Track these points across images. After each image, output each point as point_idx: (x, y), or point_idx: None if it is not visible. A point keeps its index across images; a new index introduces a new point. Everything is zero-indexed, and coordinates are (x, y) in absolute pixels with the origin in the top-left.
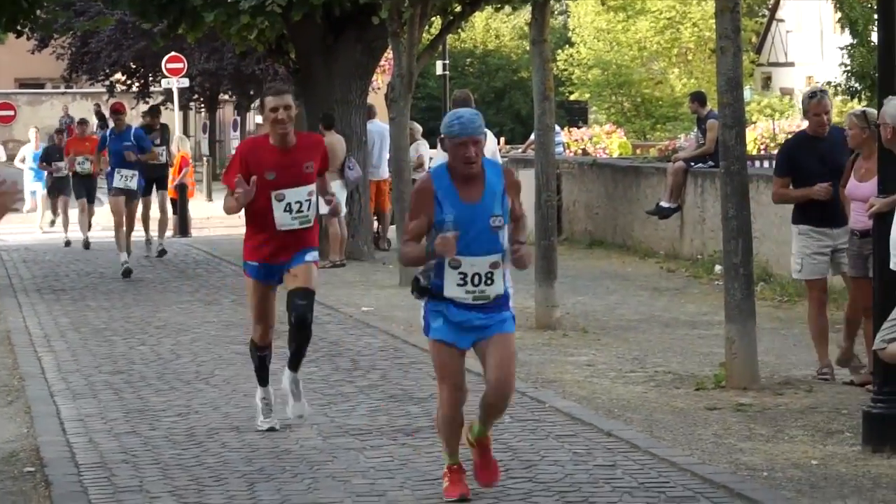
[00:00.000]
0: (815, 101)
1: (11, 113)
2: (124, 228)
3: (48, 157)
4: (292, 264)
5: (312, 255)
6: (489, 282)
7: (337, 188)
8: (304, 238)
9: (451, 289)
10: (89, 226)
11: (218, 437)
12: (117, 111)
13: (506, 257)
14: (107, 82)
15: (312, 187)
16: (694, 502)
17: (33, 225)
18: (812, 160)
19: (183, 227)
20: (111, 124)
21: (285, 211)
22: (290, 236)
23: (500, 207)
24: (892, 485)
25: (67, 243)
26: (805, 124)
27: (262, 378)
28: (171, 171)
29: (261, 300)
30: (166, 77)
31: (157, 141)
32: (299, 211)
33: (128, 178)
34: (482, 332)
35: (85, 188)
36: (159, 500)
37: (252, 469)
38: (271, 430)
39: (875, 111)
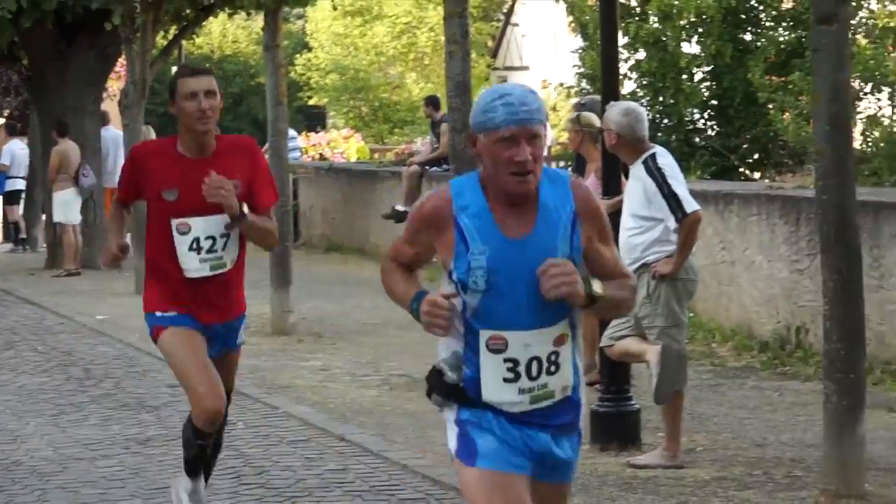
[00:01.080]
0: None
1: None
2: None
3: None
4: (221, 348)
5: (242, 336)
6: (553, 368)
7: (72, 196)
8: (231, 292)
9: (494, 388)
10: None
11: None
12: None
13: (578, 326)
14: None
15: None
16: None
17: None
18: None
19: None
20: None
21: (191, 250)
22: (212, 287)
23: (568, 245)
24: (618, 482)
25: None
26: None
27: (194, 468)
28: None
29: (192, 350)
30: None
31: None
32: (211, 250)
33: None
34: (541, 467)
35: None
36: None
37: None
38: None
39: (589, 114)
